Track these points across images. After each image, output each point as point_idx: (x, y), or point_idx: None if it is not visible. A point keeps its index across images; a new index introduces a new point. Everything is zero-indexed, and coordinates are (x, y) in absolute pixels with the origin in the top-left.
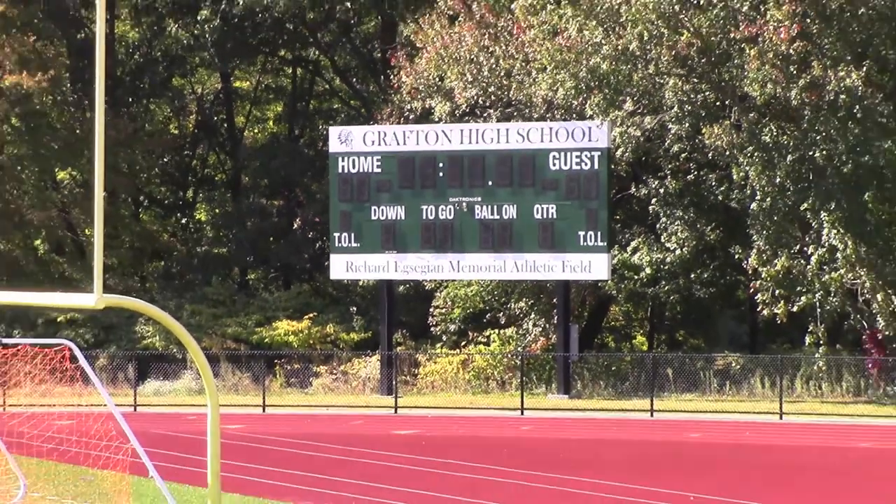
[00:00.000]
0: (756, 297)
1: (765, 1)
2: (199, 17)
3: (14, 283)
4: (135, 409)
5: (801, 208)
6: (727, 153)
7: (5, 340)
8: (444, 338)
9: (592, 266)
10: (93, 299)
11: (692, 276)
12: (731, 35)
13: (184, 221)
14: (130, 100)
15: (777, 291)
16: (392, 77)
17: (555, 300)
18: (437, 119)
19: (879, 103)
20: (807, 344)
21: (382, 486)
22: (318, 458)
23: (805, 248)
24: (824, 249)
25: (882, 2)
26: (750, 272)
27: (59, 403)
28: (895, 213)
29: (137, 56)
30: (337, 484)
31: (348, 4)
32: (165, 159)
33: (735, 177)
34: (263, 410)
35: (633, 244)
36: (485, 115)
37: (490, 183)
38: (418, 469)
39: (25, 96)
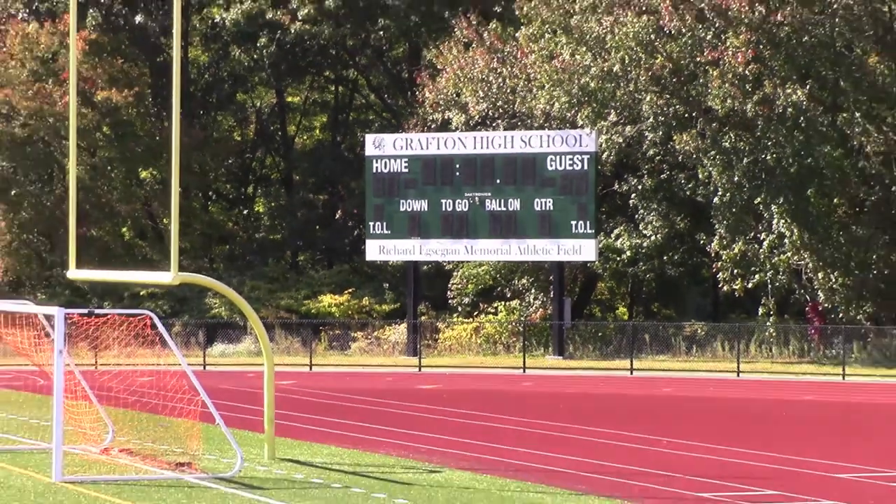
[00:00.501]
0: (718, 276)
1: (725, 31)
2: (258, 44)
3: (104, 264)
4: (204, 368)
5: (755, 202)
6: (694, 156)
7: (97, 311)
8: (460, 309)
9: (582, 249)
10: (170, 277)
11: (665, 257)
12: (698, 59)
13: (245, 213)
14: (201, 112)
15: (735, 271)
16: (417, 93)
17: (551, 277)
18: (454, 128)
19: (820, 115)
20: (760, 314)
21: (409, 432)
22: (356, 408)
23: (758, 235)
24: (774, 236)
25: (823, 31)
26: (713, 255)
27: (142, 363)
28: (833, 206)
29: (207, 76)
30: (371, 430)
31: (381, 33)
32: (230, 161)
33: (700, 176)
34: (310, 369)
35: (616, 231)
36: (494, 124)
37: (498, 181)
38: (438, 417)
39: (114, 109)
